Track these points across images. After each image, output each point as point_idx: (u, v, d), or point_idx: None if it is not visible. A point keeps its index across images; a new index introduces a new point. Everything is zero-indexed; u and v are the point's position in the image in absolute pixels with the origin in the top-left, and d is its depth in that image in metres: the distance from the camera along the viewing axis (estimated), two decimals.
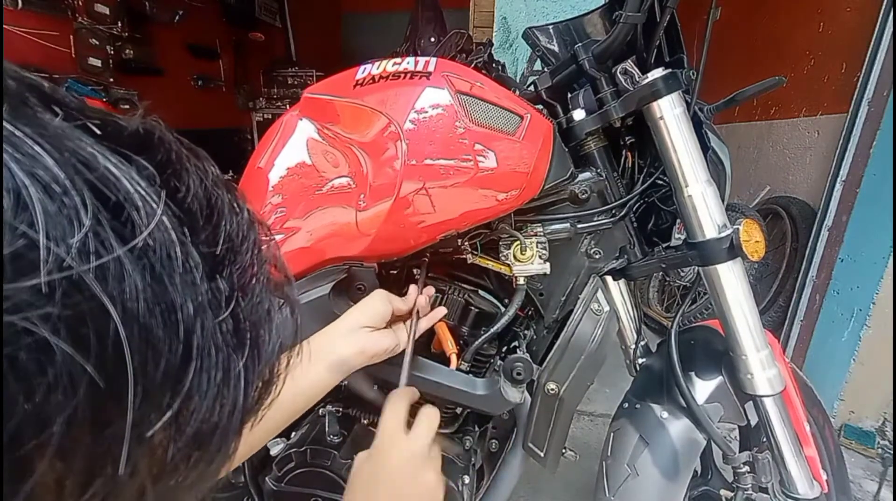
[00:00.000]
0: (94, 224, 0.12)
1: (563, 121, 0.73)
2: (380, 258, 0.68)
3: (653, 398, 0.75)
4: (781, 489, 0.73)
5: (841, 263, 1.64)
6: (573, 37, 0.78)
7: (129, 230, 0.13)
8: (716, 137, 0.76)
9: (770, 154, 2.27)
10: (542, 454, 0.74)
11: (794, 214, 1.96)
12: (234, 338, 0.16)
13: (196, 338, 0.14)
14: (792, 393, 0.75)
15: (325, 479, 0.74)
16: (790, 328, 1.82)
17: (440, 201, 0.62)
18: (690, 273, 1.83)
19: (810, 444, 0.75)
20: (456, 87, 0.62)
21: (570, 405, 0.72)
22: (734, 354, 0.70)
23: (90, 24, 2.52)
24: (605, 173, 0.73)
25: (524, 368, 0.68)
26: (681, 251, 0.70)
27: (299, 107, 0.73)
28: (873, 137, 1.52)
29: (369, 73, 0.67)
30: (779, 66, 2.15)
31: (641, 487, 0.71)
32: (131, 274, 0.13)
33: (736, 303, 0.68)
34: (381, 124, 0.63)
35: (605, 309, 0.71)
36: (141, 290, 0.13)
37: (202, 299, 0.15)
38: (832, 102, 1.89)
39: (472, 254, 0.72)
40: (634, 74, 0.69)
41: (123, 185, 0.14)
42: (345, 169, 0.67)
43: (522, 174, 0.62)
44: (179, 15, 3.16)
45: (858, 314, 1.58)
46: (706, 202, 0.66)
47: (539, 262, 0.69)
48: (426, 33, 2.64)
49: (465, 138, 0.61)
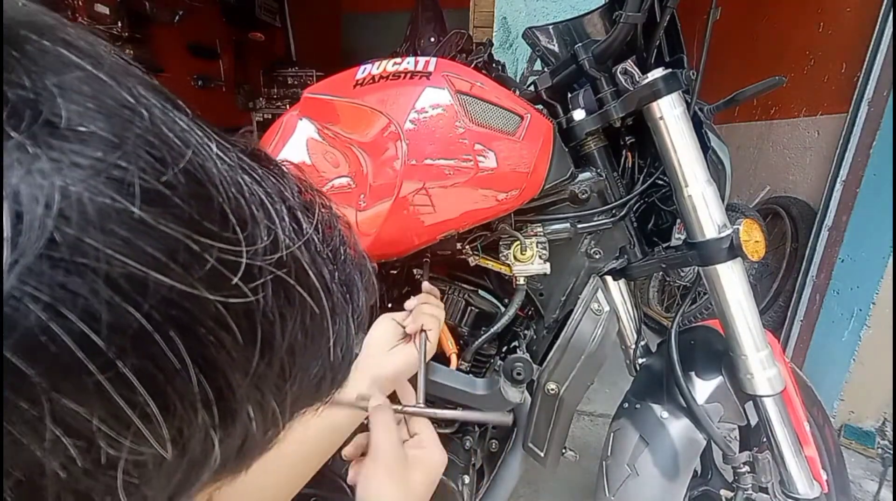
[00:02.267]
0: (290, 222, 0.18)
1: (563, 121, 0.73)
2: (380, 258, 0.68)
3: (653, 398, 0.75)
4: (781, 489, 0.73)
5: (841, 263, 1.64)
6: (573, 37, 0.78)
7: (298, 226, 0.19)
8: (716, 137, 0.76)
9: (770, 154, 2.27)
10: (542, 454, 0.74)
11: (794, 214, 1.96)
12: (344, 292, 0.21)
13: (335, 291, 0.20)
14: (792, 393, 0.75)
15: (325, 479, 0.74)
16: (790, 328, 1.82)
17: (440, 201, 0.62)
18: (690, 273, 1.83)
19: (810, 444, 0.75)
20: (456, 87, 0.62)
21: (570, 405, 0.72)
22: (734, 354, 0.70)
23: (90, 24, 2.52)
24: (605, 173, 0.73)
25: (524, 368, 0.68)
26: (681, 251, 0.70)
27: (299, 107, 0.73)
28: (873, 137, 1.52)
29: (369, 73, 0.67)
30: (779, 66, 2.15)
31: (641, 487, 0.71)
32: (305, 253, 0.18)
33: (736, 303, 0.68)
34: (381, 124, 0.63)
35: (605, 309, 0.71)
36: (311, 261, 0.19)
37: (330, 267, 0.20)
38: (832, 102, 1.89)
39: (474, 256, 0.72)
40: (634, 73, 0.69)
41: (288, 195, 0.19)
42: (345, 169, 0.67)
43: (522, 174, 0.63)
44: (179, 15, 3.16)
45: (858, 314, 1.58)
46: (706, 202, 0.66)
47: (539, 262, 0.69)
48: (426, 33, 2.63)
49: (465, 138, 0.61)
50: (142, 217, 0.13)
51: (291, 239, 0.18)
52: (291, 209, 0.19)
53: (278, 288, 0.17)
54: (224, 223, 0.16)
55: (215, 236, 0.15)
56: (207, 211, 0.15)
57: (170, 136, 0.15)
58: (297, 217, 0.19)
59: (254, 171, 0.18)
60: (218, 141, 0.18)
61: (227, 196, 0.16)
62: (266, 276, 0.16)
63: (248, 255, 0.16)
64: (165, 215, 0.14)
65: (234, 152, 0.18)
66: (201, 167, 0.16)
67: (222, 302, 0.15)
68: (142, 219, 0.13)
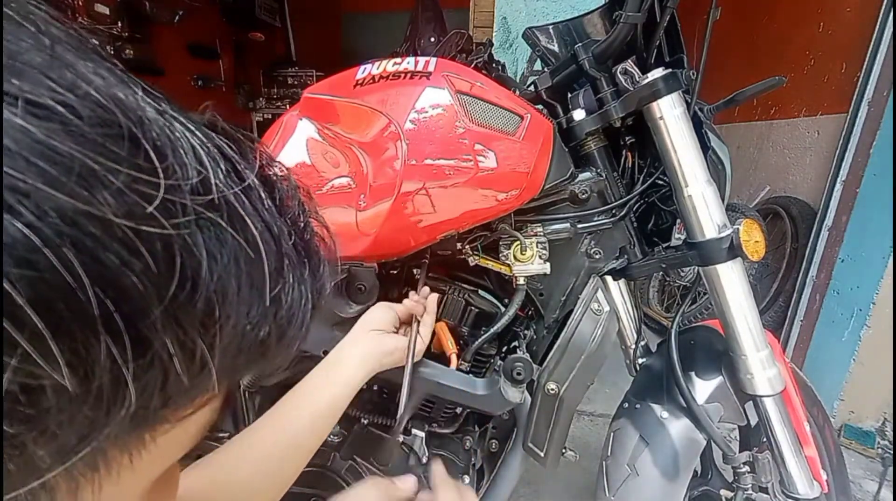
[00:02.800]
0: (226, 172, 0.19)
1: (563, 121, 0.73)
2: (380, 258, 0.68)
3: (653, 398, 0.75)
4: (781, 489, 0.73)
5: (841, 263, 1.64)
6: (573, 37, 0.78)
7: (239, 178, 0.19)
8: (716, 137, 0.76)
9: (770, 154, 2.27)
10: (542, 454, 0.74)
11: (794, 214, 1.96)
12: (298, 258, 0.22)
13: (284, 248, 0.20)
14: (792, 393, 0.75)
15: (325, 479, 0.74)
16: (790, 328, 1.82)
17: (440, 201, 0.62)
18: (690, 273, 1.83)
19: (810, 444, 0.75)
20: (456, 87, 0.62)
21: (570, 405, 0.72)
22: (734, 354, 0.70)
23: (90, 24, 2.52)
24: (605, 173, 0.73)
25: (524, 368, 0.68)
26: (681, 251, 0.70)
27: (299, 107, 0.73)
28: (873, 137, 1.52)
29: (369, 73, 0.67)
30: (779, 66, 2.15)
31: (641, 487, 0.71)
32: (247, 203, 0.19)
33: (736, 303, 0.68)
34: (381, 124, 0.63)
35: (605, 309, 0.71)
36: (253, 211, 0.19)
37: (280, 226, 0.21)
38: (832, 102, 1.89)
39: (475, 256, 0.72)
40: (634, 74, 0.69)
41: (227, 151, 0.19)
42: (345, 169, 0.67)
43: (522, 174, 0.62)
44: (179, 15, 3.15)
45: (858, 314, 1.58)
46: (706, 202, 0.66)
47: (539, 262, 0.69)
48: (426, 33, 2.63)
49: (465, 138, 0.61)
50: (27, 129, 0.13)
51: (228, 186, 0.18)
52: (231, 160, 0.19)
53: (207, 227, 0.17)
54: (135, 150, 0.15)
55: (122, 161, 0.15)
56: (114, 137, 0.15)
57: (77, 65, 0.15)
58: (236, 169, 0.19)
59: (188, 122, 0.18)
60: (145, 88, 0.18)
61: (143, 128, 0.16)
62: (190, 215, 0.16)
63: (167, 189, 0.16)
64: (60, 132, 0.14)
65: (164, 102, 0.18)
66: (112, 97, 0.15)
67: (132, 228, 0.15)
68: (26, 131, 0.13)
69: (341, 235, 0.65)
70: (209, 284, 0.17)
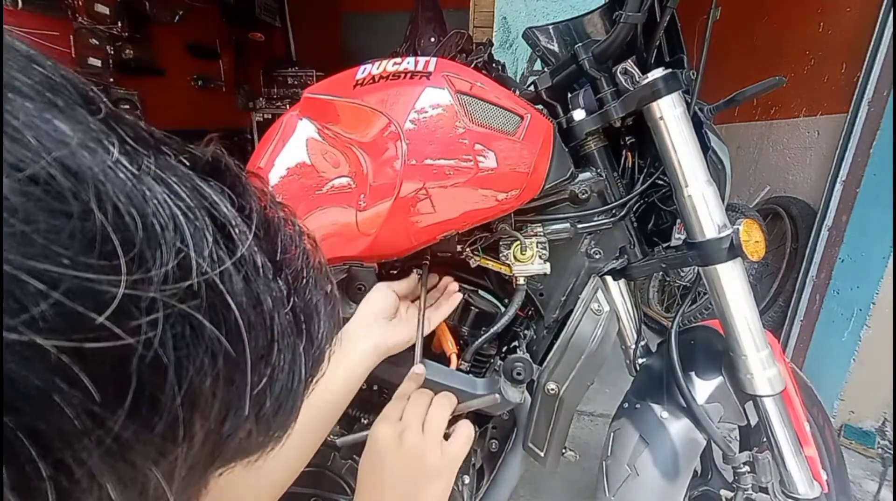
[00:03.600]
0: (214, 241, 0.16)
1: (563, 121, 0.73)
2: (380, 258, 0.68)
3: (653, 398, 0.75)
4: (781, 489, 0.73)
5: (841, 263, 1.64)
6: (573, 37, 0.78)
7: (231, 245, 0.17)
8: (716, 137, 0.76)
9: (770, 154, 2.27)
10: (542, 454, 0.73)
11: (794, 214, 1.96)
12: (295, 327, 0.19)
13: (276, 325, 0.18)
14: (792, 393, 0.75)
15: (325, 479, 0.74)
16: (790, 328, 1.82)
17: (440, 201, 0.62)
18: (690, 273, 1.83)
19: (810, 444, 0.75)
20: (456, 87, 0.62)
21: (570, 405, 0.72)
22: (734, 354, 0.70)
23: (90, 24, 2.52)
24: (605, 173, 0.73)
25: (524, 368, 0.68)
26: (681, 251, 0.70)
27: (299, 107, 0.73)
28: (873, 137, 1.52)
29: (369, 73, 0.67)
30: (779, 66, 2.15)
31: (641, 487, 0.71)
32: (236, 278, 0.16)
33: (736, 303, 0.68)
34: (381, 124, 0.63)
35: (605, 309, 0.71)
36: (243, 289, 0.17)
37: (276, 295, 0.18)
38: (832, 102, 1.89)
39: (476, 257, 0.72)
40: (634, 74, 0.69)
41: (223, 209, 0.17)
42: (345, 169, 0.67)
43: (522, 174, 0.62)
44: (179, 15, 3.16)
45: (858, 314, 1.58)
46: (706, 202, 0.66)
47: (539, 262, 0.68)
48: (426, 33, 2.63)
49: (465, 138, 0.61)
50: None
51: (214, 261, 0.16)
52: (224, 224, 0.17)
53: (180, 323, 0.14)
54: (86, 244, 0.12)
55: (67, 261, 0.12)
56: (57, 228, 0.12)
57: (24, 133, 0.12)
58: (229, 235, 0.17)
59: (174, 182, 0.16)
60: (132, 145, 0.15)
61: (103, 205, 0.13)
62: (158, 311, 0.13)
63: (130, 284, 0.13)
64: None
65: (148, 157, 0.15)
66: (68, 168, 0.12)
67: (70, 348, 0.11)
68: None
69: (341, 235, 0.65)
70: (175, 397, 0.14)
